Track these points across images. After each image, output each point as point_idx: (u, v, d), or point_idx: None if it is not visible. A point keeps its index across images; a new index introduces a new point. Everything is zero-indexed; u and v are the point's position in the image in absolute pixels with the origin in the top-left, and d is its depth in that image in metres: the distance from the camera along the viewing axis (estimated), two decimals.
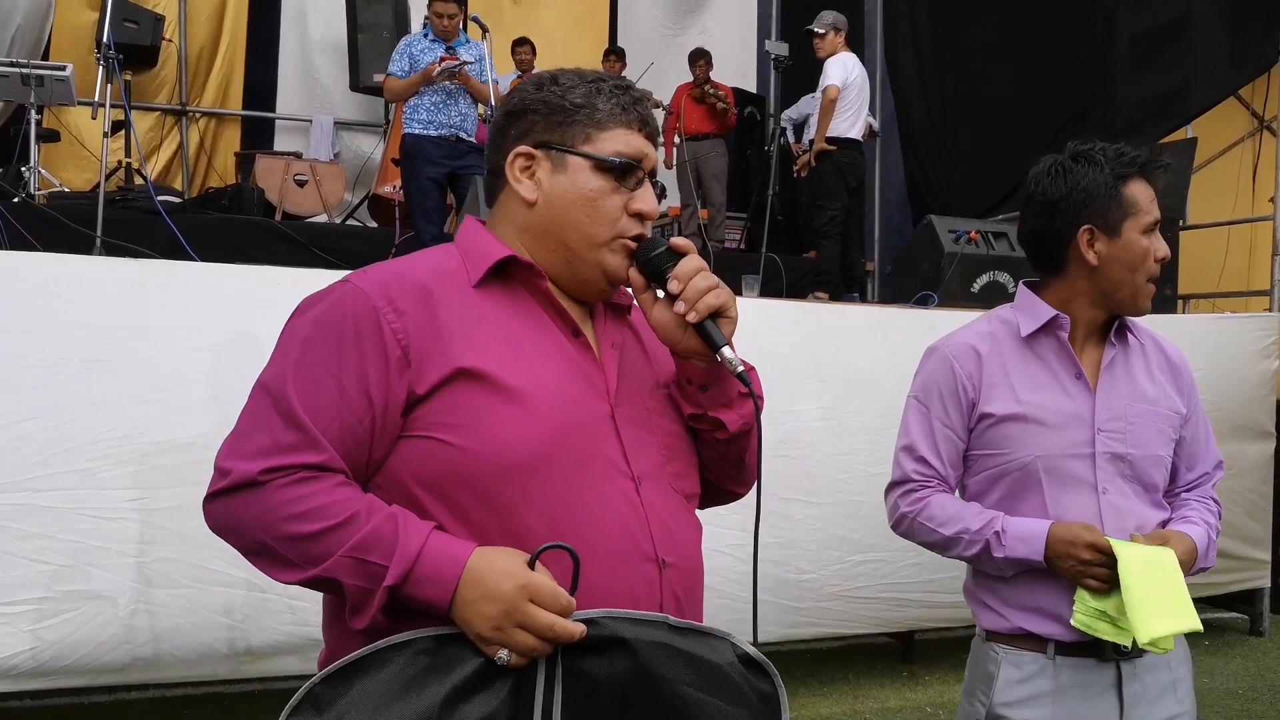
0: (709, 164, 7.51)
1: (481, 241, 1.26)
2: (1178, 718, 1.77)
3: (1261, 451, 4.88)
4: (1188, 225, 5.95)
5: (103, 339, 3.03)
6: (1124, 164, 1.73)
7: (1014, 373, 1.77)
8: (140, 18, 6.69)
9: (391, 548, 1.08)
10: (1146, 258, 1.72)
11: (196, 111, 7.74)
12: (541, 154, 1.25)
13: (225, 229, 5.68)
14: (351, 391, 1.12)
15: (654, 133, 1.30)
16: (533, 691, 1.06)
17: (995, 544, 1.72)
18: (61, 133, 6.52)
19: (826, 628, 4.00)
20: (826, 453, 3.90)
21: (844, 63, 6.24)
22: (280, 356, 1.16)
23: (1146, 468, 1.76)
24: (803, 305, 4.44)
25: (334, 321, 1.15)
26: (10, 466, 2.91)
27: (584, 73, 1.29)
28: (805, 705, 3.96)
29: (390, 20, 7.37)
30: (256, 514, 1.10)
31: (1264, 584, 4.97)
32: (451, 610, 1.07)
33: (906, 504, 1.84)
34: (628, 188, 1.25)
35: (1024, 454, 1.74)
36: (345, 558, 1.08)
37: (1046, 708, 1.72)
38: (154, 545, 3.03)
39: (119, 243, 4.33)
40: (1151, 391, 1.79)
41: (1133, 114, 6.02)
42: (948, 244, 4.75)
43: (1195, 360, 4.59)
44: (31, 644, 2.91)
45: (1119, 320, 1.79)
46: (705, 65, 7.44)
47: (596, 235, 1.24)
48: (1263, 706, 4.09)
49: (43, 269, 3.12)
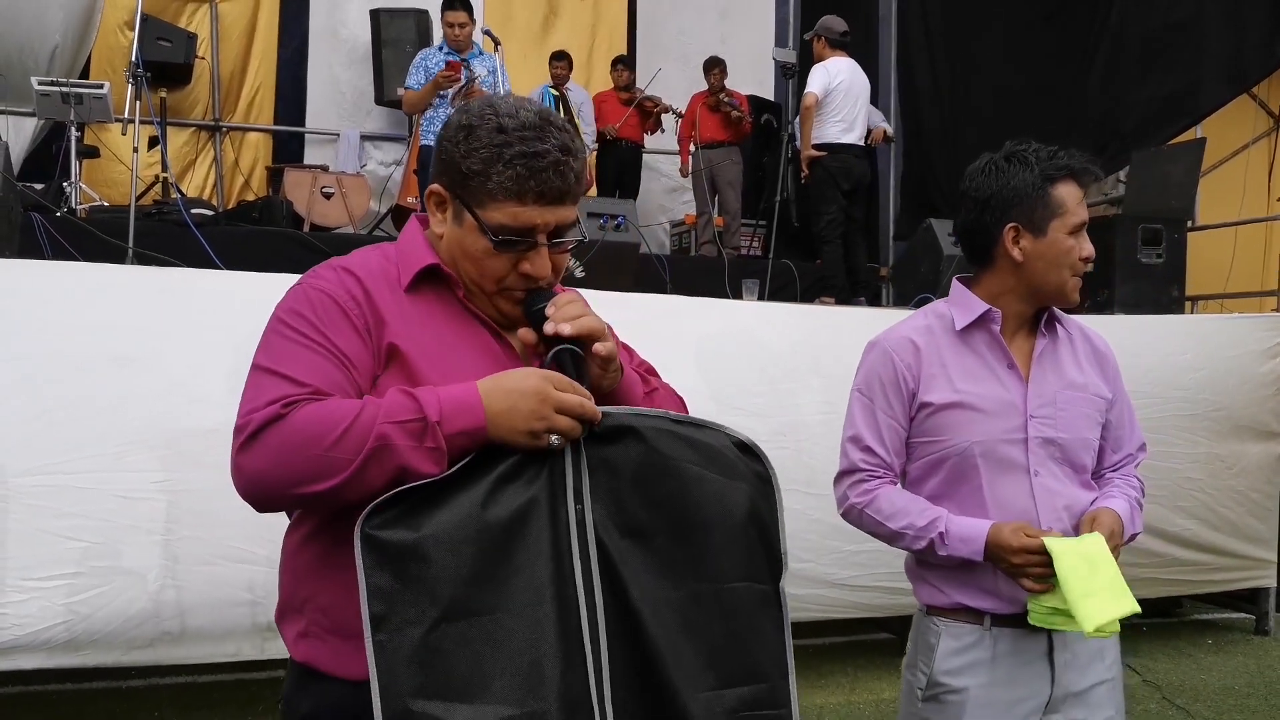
0: (724, 171, 7.61)
1: (413, 247, 1.38)
2: (1106, 683, 1.88)
3: (1266, 451, 4.89)
4: (1197, 226, 5.95)
5: (130, 338, 3.25)
6: (1054, 166, 1.83)
7: (950, 364, 1.88)
8: (173, 36, 6.96)
9: (412, 403, 1.19)
10: (1071, 256, 1.82)
11: (229, 127, 8.01)
12: (449, 196, 1.34)
13: (255, 240, 5.92)
14: (330, 352, 1.26)
15: (560, 196, 1.29)
16: (564, 476, 1.21)
17: (939, 543, 1.83)
18: (101, 149, 6.81)
19: (822, 613, 4.12)
20: (826, 445, 3.95)
21: (827, 69, 6.26)
22: (263, 348, 1.30)
23: (1075, 450, 1.87)
24: (802, 308, 4.56)
25: (299, 309, 1.29)
26: (44, 450, 3.13)
27: (503, 124, 1.28)
28: (803, 697, 4.00)
29: (413, 35, 7.59)
30: (287, 438, 1.18)
31: (1270, 583, 4.99)
32: (489, 427, 1.19)
33: (855, 495, 1.94)
34: (517, 253, 1.30)
35: (962, 440, 1.85)
36: (386, 425, 1.17)
37: (983, 675, 1.84)
38: (180, 525, 3.22)
39: (150, 253, 4.56)
40: (1079, 379, 1.90)
41: (1142, 114, 6.07)
42: (947, 246, 4.84)
43: (1200, 360, 4.73)
44: (65, 616, 3.12)
45: (1048, 312, 1.90)
46: (720, 74, 7.53)
47: (484, 286, 1.34)
48: (1257, 703, 4.14)
49: (77, 276, 3.36)
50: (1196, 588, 4.91)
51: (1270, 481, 4.92)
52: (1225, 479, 4.76)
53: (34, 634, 3.10)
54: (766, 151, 8.37)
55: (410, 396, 1.20)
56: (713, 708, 1.21)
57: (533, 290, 1.33)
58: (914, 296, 4.88)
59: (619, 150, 7.77)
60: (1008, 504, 1.83)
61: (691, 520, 1.24)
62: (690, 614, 1.22)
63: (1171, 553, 4.64)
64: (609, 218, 4.68)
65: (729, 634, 1.24)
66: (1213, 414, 4.74)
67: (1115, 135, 6.13)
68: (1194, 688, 4.29)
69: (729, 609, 1.25)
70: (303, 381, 1.23)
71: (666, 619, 1.20)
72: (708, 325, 3.97)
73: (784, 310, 4.38)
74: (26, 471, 3.11)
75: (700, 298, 4.28)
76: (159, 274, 3.59)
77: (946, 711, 1.87)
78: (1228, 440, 4.79)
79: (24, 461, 3.12)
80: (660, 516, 1.23)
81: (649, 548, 1.22)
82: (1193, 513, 4.68)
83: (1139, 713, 3.98)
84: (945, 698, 1.87)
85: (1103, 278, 5.21)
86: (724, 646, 1.24)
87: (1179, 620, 5.19)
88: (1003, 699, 1.83)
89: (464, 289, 1.36)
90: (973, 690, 1.84)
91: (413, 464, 1.17)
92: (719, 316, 4.08)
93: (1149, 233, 5.24)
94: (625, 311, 3.95)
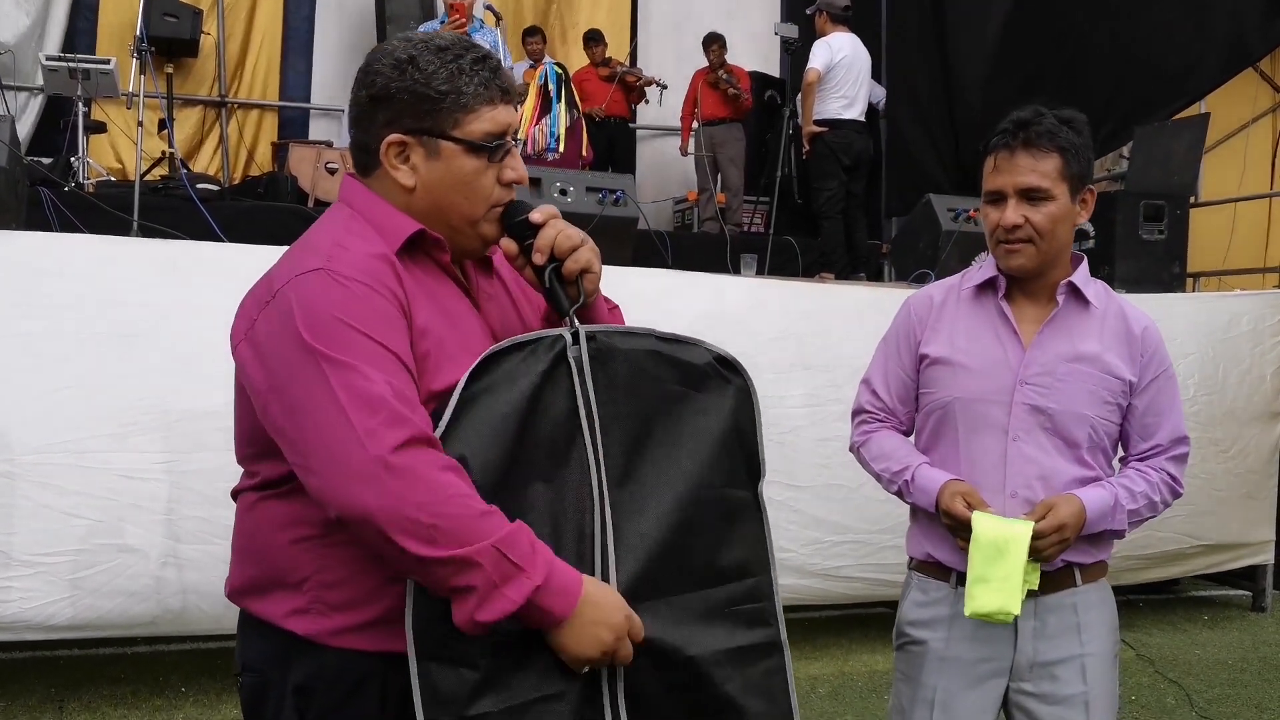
0: (726, 149, 7.60)
1: (383, 214, 1.32)
2: (1079, 658, 1.85)
3: (1266, 430, 4.89)
4: (1199, 202, 5.92)
5: (134, 315, 3.29)
6: (991, 135, 1.86)
7: (958, 320, 1.92)
8: (179, 12, 6.98)
9: (529, 553, 1.18)
10: (994, 229, 1.84)
11: (235, 103, 8.04)
12: (414, 140, 1.29)
13: (260, 215, 5.94)
14: (399, 361, 1.24)
15: (514, 94, 1.35)
16: (572, 387, 1.30)
17: (906, 491, 1.91)
18: (109, 124, 6.86)
19: (806, 599, 4.23)
20: (808, 438, 4.09)
21: (829, 45, 6.25)
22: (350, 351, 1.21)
23: (1067, 423, 1.83)
24: (794, 285, 4.57)
25: (355, 311, 1.23)
26: (49, 429, 3.18)
27: (440, 46, 1.30)
28: (797, 668, 4.09)
29: (417, 11, 7.59)
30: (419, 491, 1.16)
31: (1267, 560, 5.01)
32: (563, 627, 1.20)
33: (857, 434, 2.04)
34: (498, 161, 1.33)
35: (944, 394, 1.90)
36: (491, 547, 1.15)
37: (942, 631, 1.89)
38: (181, 504, 3.28)
39: (154, 226, 4.61)
40: (1091, 353, 1.85)
41: (1143, 89, 6.02)
42: (946, 222, 4.85)
43: (1199, 338, 4.71)
44: (69, 592, 3.19)
45: (1070, 282, 1.87)
46: (719, 49, 7.49)
47: (475, 213, 1.33)
48: (1251, 677, 4.17)
49: (79, 249, 3.40)
50: (1195, 567, 4.92)
51: (1270, 461, 4.93)
52: (1222, 461, 4.77)
53: (39, 608, 3.18)
54: (770, 128, 8.37)
55: (530, 544, 1.19)
56: (709, 600, 1.33)
57: (510, 203, 1.36)
58: (912, 272, 4.89)
59: (609, 128, 7.78)
60: (979, 462, 1.86)
61: (680, 433, 1.34)
62: (689, 514, 1.33)
63: (1170, 536, 4.66)
64: (608, 192, 4.68)
65: (719, 535, 1.36)
66: (1211, 394, 4.74)
67: (1117, 111, 6.10)
68: (1187, 662, 4.32)
69: (721, 513, 1.36)
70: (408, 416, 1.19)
71: (671, 518, 1.31)
72: (698, 306, 4.00)
73: (773, 289, 4.39)
74: (33, 449, 3.17)
75: (692, 272, 4.31)
76: (162, 246, 3.63)
77: (912, 662, 1.93)
78: (1226, 420, 4.79)
79: (31, 439, 3.18)
80: (653, 429, 1.33)
81: (648, 456, 1.32)
82: (1187, 498, 4.68)
83: (1131, 685, 4.02)
84: (909, 648, 1.94)
85: (1104, 254, 5.21)
86: (715, 545, 1.35)
87: (1176, 596, 5.22)
88: (964, 657, 1.87)
89: (449, 249, 1.34)
90: (933, 645, 1.89)
91: (482, 592, 1.16)
92: (709, 296, 4.10)
93: (1151, 209, 5.23)
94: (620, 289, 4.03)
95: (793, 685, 1.40)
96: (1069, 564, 1.85)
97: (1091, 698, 1.83)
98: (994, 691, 1.87)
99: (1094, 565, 1.89)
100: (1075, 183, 1.81)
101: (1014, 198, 1.80)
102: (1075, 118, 1.83)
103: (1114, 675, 1.89)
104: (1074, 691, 1.83)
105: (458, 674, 1.20)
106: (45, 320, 3.23)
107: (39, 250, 3.36)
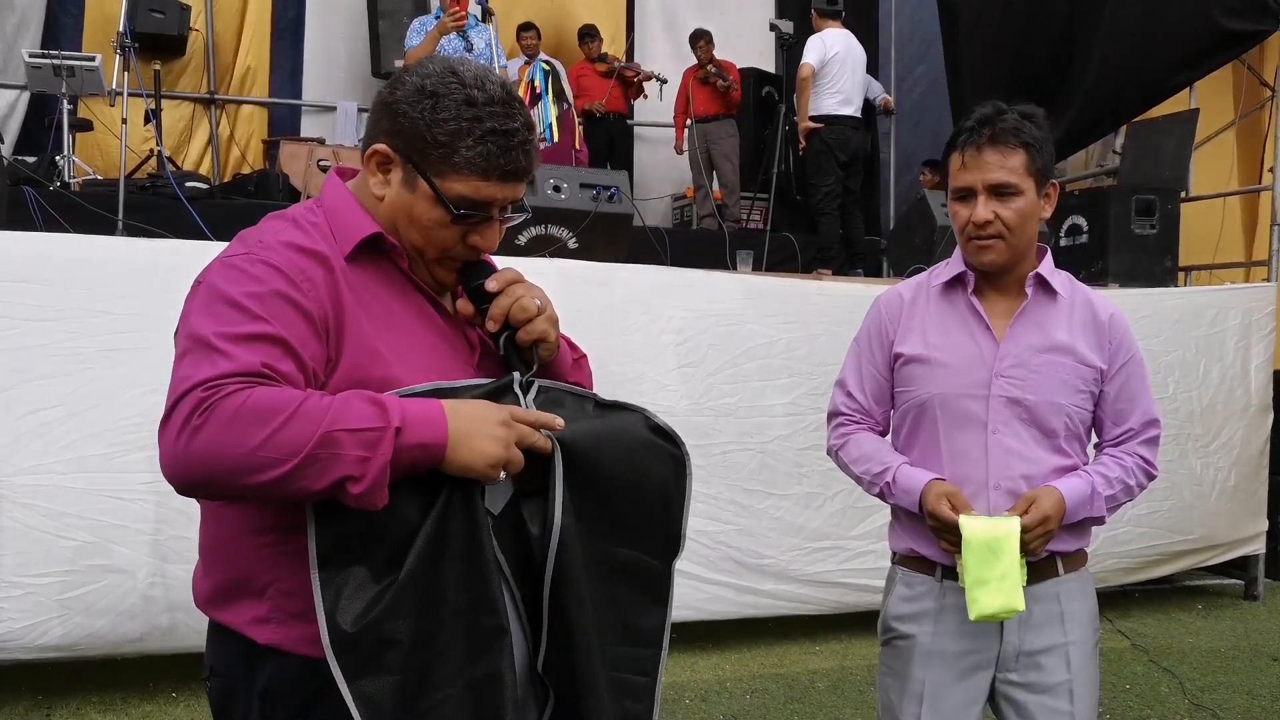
0: (720, 144, 7.58)
1: (347, 211, 1.32)
2: (1063, 646, 1.87)
3: (1257, 421, 4.93)
4: (1190, 197, 5.93)
5: (120, 327, 3.26)
6: (956, 133, 1.86)
7: (929, 317, 1.92)
8: (166, 7, 6.91)
9: (373, 409, 1.13)
10: (964, 225, 1.84)
11: (224, 100, 7.98)
12: (399, 160, 1.29)
13: (250, 214, 5.85)
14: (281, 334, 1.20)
15: (523, 174, 1.31)
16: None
17: (887, 492, 1.90)
18: (95, 122, 6.80)
19: (788, 607, 4.24)
20: (789, 447, 4.11)
21: (823, 41, 6.25)
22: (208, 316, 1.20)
23: (1044, 414, 1.85)
24: (787, 282, 4.56)
25: (253, 278, 1.22)
26: (36, 451, 3.19)
27: (471, 96, 1.26)
28: (796, 662, 4.14)
29: (409, 6, 7.56)
30: (234, 419, 1.14)
31: (1259, 550, 5.05)
32: (449, 447, 1.16)
33: (834, 437, 2.03)
34: (468, 225, 1.30)
35: (923, 392, 1.90)
36: (338, 430, 1.11)
37: (928, 625, 1.89)
38: (168, 525, 3.28)
39: (140, 225, 4.57)
40: (1063, 343, 1.87)
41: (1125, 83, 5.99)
42: (940, 217, 4.84)
43: (1192, 331, 4.70)
44: (59, 612, 3.20)
45: (1037, 274, 1.89)
46: (706, 45, 7.47)
47: (426, 252, 1.32)
48: (1242, 664, 4.19)
49: (60, 250, 3.36)
50: (1189, 559, 4.92)
51: (1262, 452, 4.96)
52: (1213, 451, 4.78)
53: (28, 628, 3.19)
54: (768, 124, 8.34)
55: (373, 402, 1.15)
56: (605, 655, 1.32)
57: (470, 262, 1.34)
58: (908, 267, 4.88)
59: (607, 124, 7.75)
60: (961, 457, 1.86)
61: (613, 490, 1.32)
62: (614, 566, 1.33)
63: (1163, 534, 4.69)
64: (601, 188, 4.65)
65: (628, 595, 1.35)
66: (1202, 386, 4.75)
67: (1103, 108, 6.07)
68: (1180, 650, 4.34)
69: (635, 572, 1.36)
70: (247, 362, 1.15)
71: (596, 569, 1.30)
72: (691, 306, 3.99)
73: (766, 286, 4.37)
74: (20, 471, 3.18)
75: (686, 269, 4.29)
76: (146, 245, 3.55)
77: (899, 657, 1.93)
78: (1219, 411, 4.81)
79: (18, 462, 3.18)
80: (591, 483, 1.31)
81: (587, 504, 1.30)
82: (1178, 489, 4.70)
83: (1125, 674, 4.04)
84: (896, 643, 1.94)
85: (1097, 249, 5.22)
86: (625, 605, 1.35)
87: (1170, 586, 5.23)
88: (950, 650, 1.87)
89: (407, 259, 1.33)
90: (919, 639, 1.89)
91: (353, 472, 1.12)
92: (703, 296, 4.08)
93: (1142, 204, 5.24)
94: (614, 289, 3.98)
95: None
96: (1052, 554, 1.87)
97: (1075, 685, 1.86)
98: (981, 683, 1.88)
99: (1075, 554, 1.92)
100: (1040, 177, 1.84)
101: (983, 194, 1.81)
102: (1035, 113, 1.85)
103: (1095, 662, 1.92)
104: (1059, 680, 1.86)
105: (384, 680, 1.19)
106: (31, 336, 3.21)
107: (21, 253, 3.30)
